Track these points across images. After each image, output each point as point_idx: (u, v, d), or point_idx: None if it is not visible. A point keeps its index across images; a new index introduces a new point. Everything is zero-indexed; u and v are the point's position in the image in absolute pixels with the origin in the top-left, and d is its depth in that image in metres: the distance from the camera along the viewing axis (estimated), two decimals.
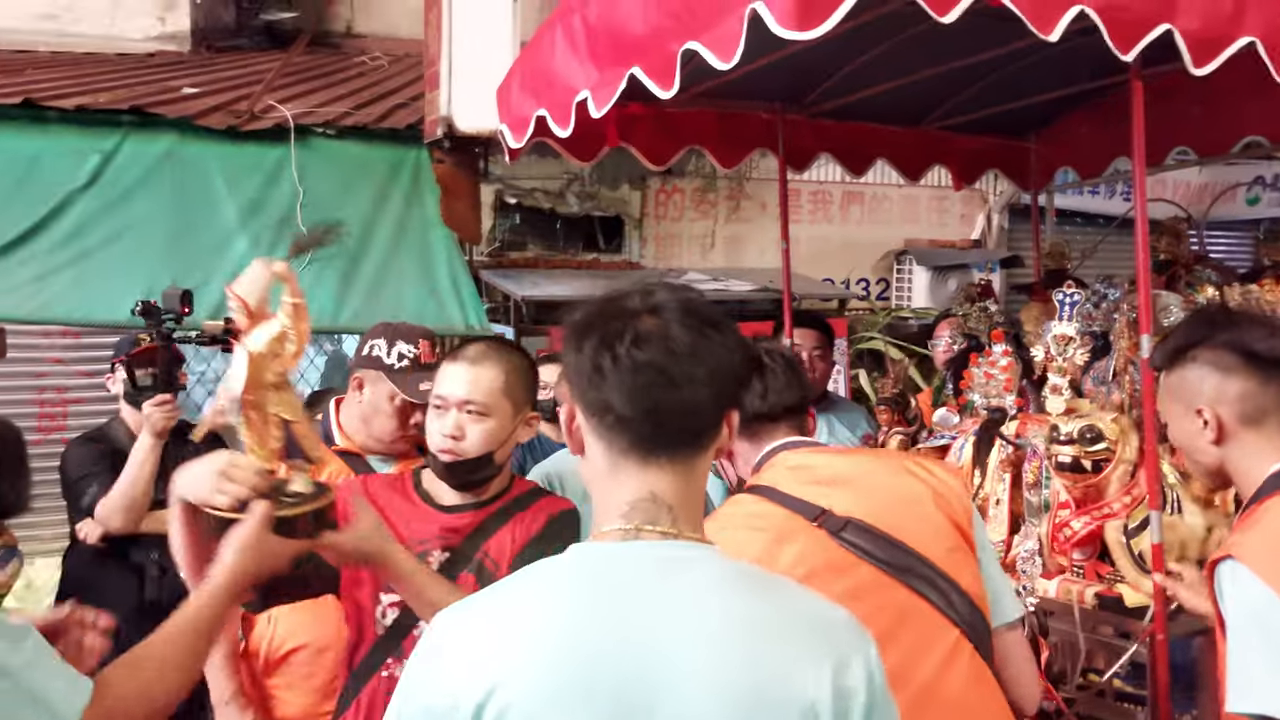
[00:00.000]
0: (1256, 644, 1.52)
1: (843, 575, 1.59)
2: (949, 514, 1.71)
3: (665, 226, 7.11)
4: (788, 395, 1.88)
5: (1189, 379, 1.78)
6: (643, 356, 1.11)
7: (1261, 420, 1.73)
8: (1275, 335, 1.79)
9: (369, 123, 4.95)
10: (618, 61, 2.34)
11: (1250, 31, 2.24)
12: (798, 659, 1.07)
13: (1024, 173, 4.25)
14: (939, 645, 1.57)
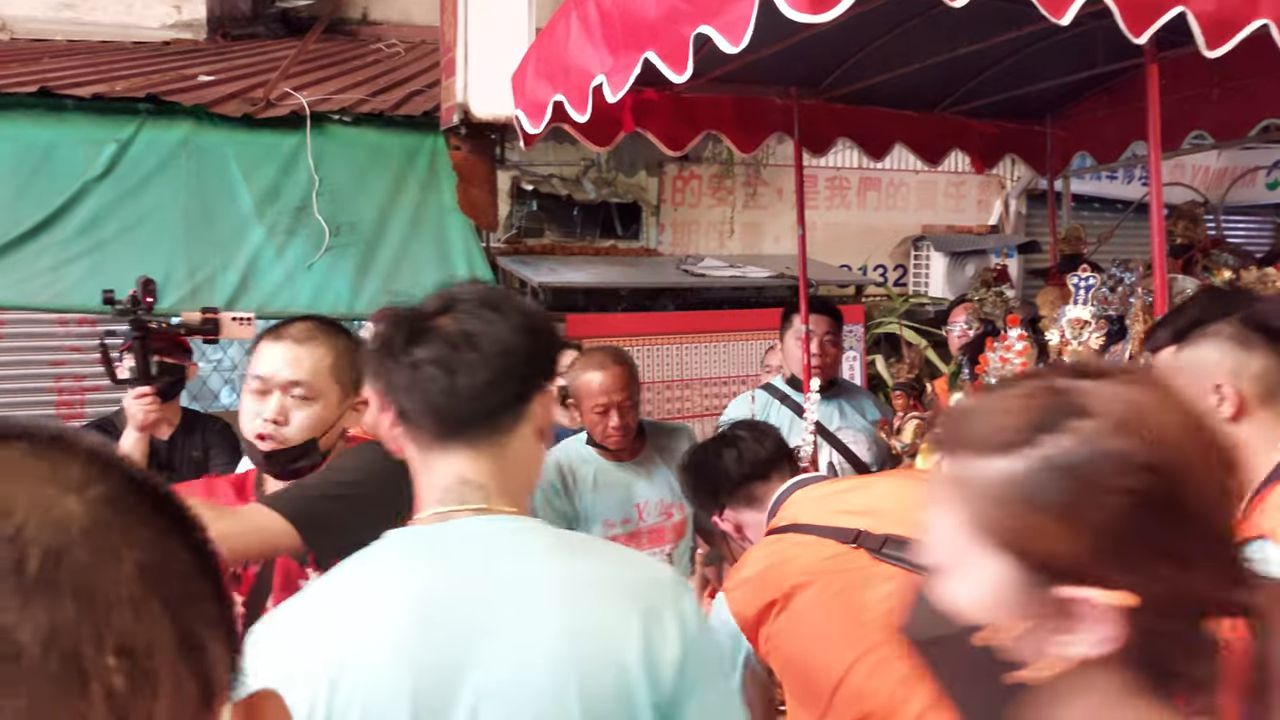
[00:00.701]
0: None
1: (888, 583, 1.63)
2: None
3: (683, 213, 7.10)
4: (763, 450, 1.99)
5: (1208, 354, 1.75)
6: (420, 354, 1.17)
7: (1275, 398, 1.72)
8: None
9: (385, 110, 4.96)
10: (632, 46, 2.35)
11: (1265, 14, 2.22)
12: (612, 616, 1.11)
13: (1041, 157, 4.23)
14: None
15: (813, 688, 1.60)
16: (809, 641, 1.62)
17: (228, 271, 4.20)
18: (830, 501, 1.83)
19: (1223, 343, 1.75)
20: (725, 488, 2.02)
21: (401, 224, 4.72)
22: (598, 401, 2.88)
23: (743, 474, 1.99)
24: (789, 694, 1.68)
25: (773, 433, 2.11)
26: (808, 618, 1.63)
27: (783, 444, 2.08)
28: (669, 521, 3.03)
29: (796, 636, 1.64)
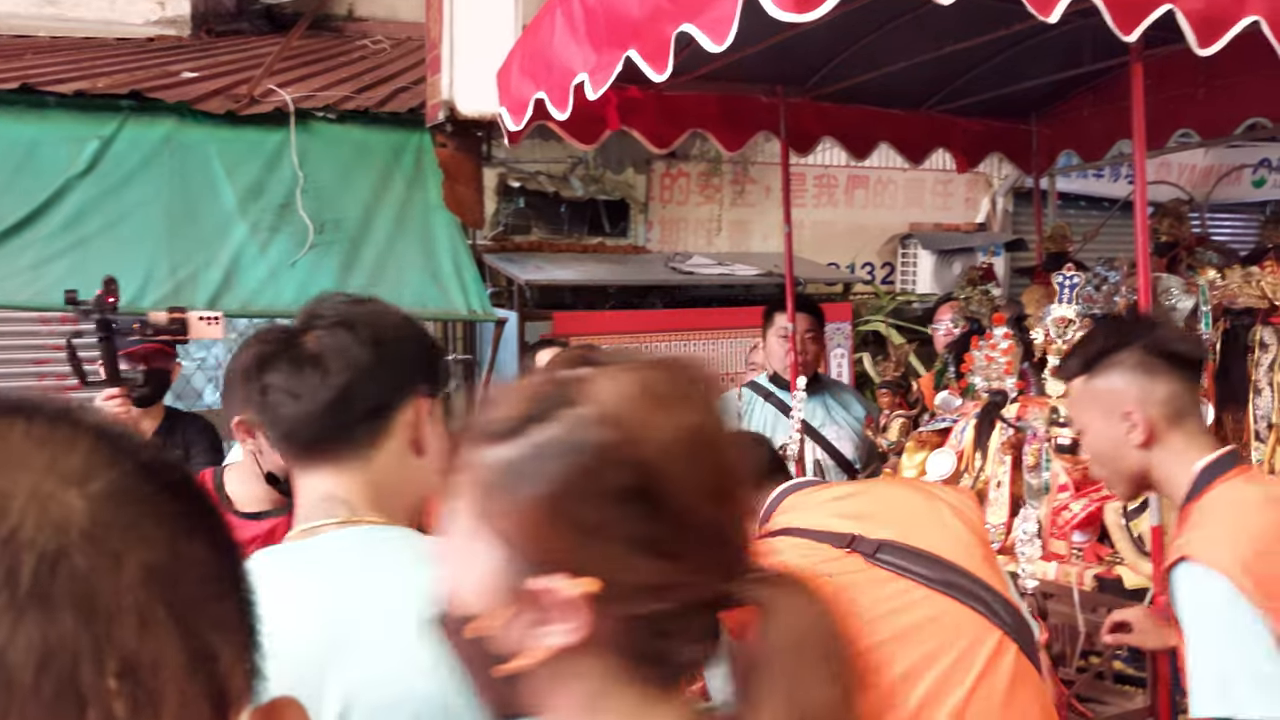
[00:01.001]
0: (1222, 643, 1.52)
1: (884, 585, 1.62)
2: (971, 528, 1.76)
3: (670, 210, 7.09)
4: (756, 458, 1.97)
5: (1114, 382, 1.79)
6: (269, 379, 1.19)
7: (1184, 420, 1.75)
8: (1189, 337, 1.89)
9: (370, 106, 4.94)
10: (614, 44, 2.33)
11: (1254, 10, 2.22)
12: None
13: (1026, 156, 4.23)
14: (984, 648, 1.58)
15: None
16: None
17: (210, 269, 4.17)
18: (824, 507, 1.82)
19: (1128, 371, 1.78)
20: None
21: (387, 221, 4.70)
22: None
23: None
24: None
25: (765, 442, 2.11)
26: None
27: (775, 454, 2.07)
28: None
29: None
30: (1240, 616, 1.49)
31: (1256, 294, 2.72)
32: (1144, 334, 1.81)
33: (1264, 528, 1.59)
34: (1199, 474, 1.70)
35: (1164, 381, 1.75)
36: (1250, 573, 1.51)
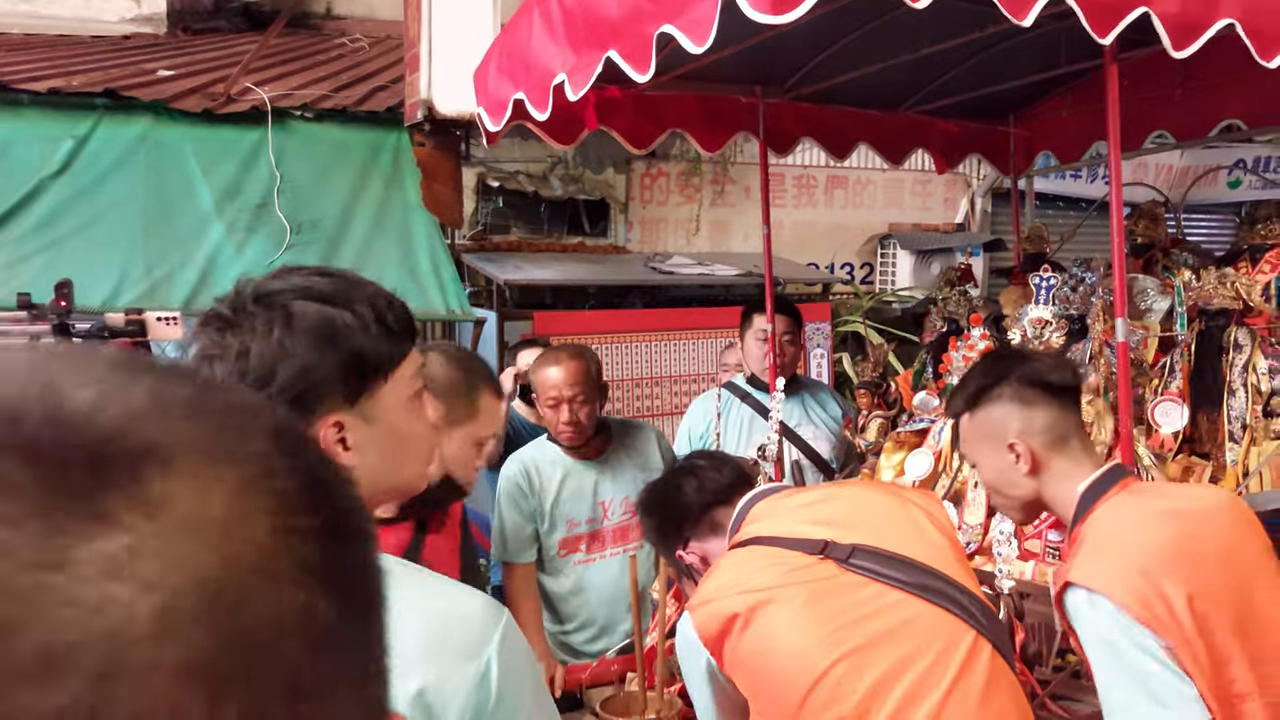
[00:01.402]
0: (1114, 667, 1.54)
1: (857, 591, 1.65)
2: (942, 529, 1.80)
3: (650, 210, 7.09)
4: (723, 476, 1.99)
5: (995, 416, 1.84)
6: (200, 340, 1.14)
7: (1065, 445, 1.80)
8: (1062, 365, 1.91)
9: (348, 105, 4.91)
10: (594, 44, 2.33)
11: (1229, 13, 2.24)
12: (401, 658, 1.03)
13: (1004, 157, 4.25)
14: (960, 649, 1.60)
15: (781, 700, 1.58)
16: (777, 654, 1.61)
17: (186, 269, 4.14)
18: (795, 513, 1.83)
19: (1006, 403, 1.83)
20: (688, 518, 2.00)
21: (365, 221, 4.68)
22: (549, 395, 2.87)
23: (704, 501, 1.98)
24: (754, 710, 1.67)
25: (730, 460, 2.12)
26: (775, 631, 1.61)
27: (741, 470, 2.07)
28: (634, 519, 3.02)
29: (763, 651, 1.62)
30: (1129, 637, 1.52)
31: (1231, 295, 2.74)
32: (1019, 367, 1.87)
33: (1146, 542, 1.61)
34: (1081, 496, 1.75)
35: (1042, 410, 1.81)
36: (1133, 591, 1.53)
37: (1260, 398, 2.62)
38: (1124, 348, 2.27)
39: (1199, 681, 1.49)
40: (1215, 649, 1.52)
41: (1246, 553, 1.65)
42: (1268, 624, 1.59)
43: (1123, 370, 2.27)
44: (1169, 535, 1.62)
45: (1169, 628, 1.51)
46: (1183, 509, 1.71)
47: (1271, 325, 2.80)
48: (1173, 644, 1.50)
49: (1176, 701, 1.49)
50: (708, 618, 1.67)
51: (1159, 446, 2.59)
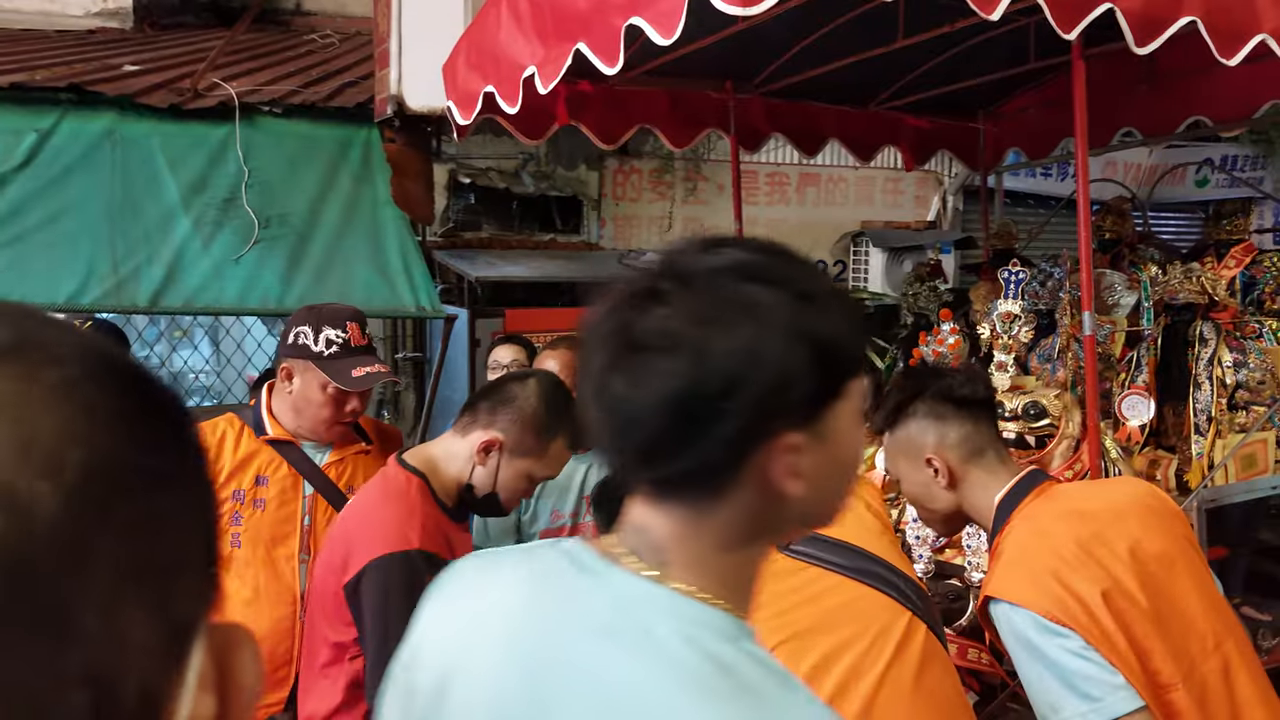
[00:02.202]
0: (1041, 670, 1.58)
1: (797, 575, 1.65)
2: (877, 515, 1.82)
3: (623, 207, 7.08)
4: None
5: (912, 433, 1.89)
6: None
7: (981, 457, 1.85)
8: (974, 380, 1.95)
9: (317, 101, 4.86)
10: (563, 37, 2.31)
11: (1191, 11, 2.26)
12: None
13: (973, 154, 4.27)
14: (896, 630, 1.62)
15: None
16: None
17: (153, 265, 4.09)
18: None
19: (921, 420, 1.88)
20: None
21: (334, 217, 4.63)
22: None
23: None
24: None
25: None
26: None
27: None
28: None
29: None
30: (1050, 639, 1.56)
31: (1196, 289, 2.77)
32: (931, 384, 1.91)
33: (1057, 547, 1.65)
34: (998, 507, 1.80)
35: (956, 424, 1.86)
36: (1049, 595, 1.58)
37: (1225, 391, 2.65)
38: (1091, 341, 2.28)
39: (1125, 672, 1.53)
40: (1136, 641, 1.57)
41: (1158, 546, 1.68)
42: (1185, 614, 1.63)
43: (1090, 364, 2.28)
44: (1079, 537, 1.66)
45: (1088, 626, 1.55)
46: (1091, 509, 1.75)
47: (1236, 320, 2.83)
48: (1094, 641, 1.54)
49: (1103, 693, 1.52)
50: None
51: (1126, 439, 2.61)
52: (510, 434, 2.04)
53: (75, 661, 0.34)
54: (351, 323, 2.53)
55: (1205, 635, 1.63)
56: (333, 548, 1.96)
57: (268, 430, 2.52)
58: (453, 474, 2.06)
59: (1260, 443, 2.61)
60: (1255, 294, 2.94)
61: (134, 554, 0.37)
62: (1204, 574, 1.72)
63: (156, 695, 0.38)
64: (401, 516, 1.93)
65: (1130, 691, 1.52)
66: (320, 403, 2.47)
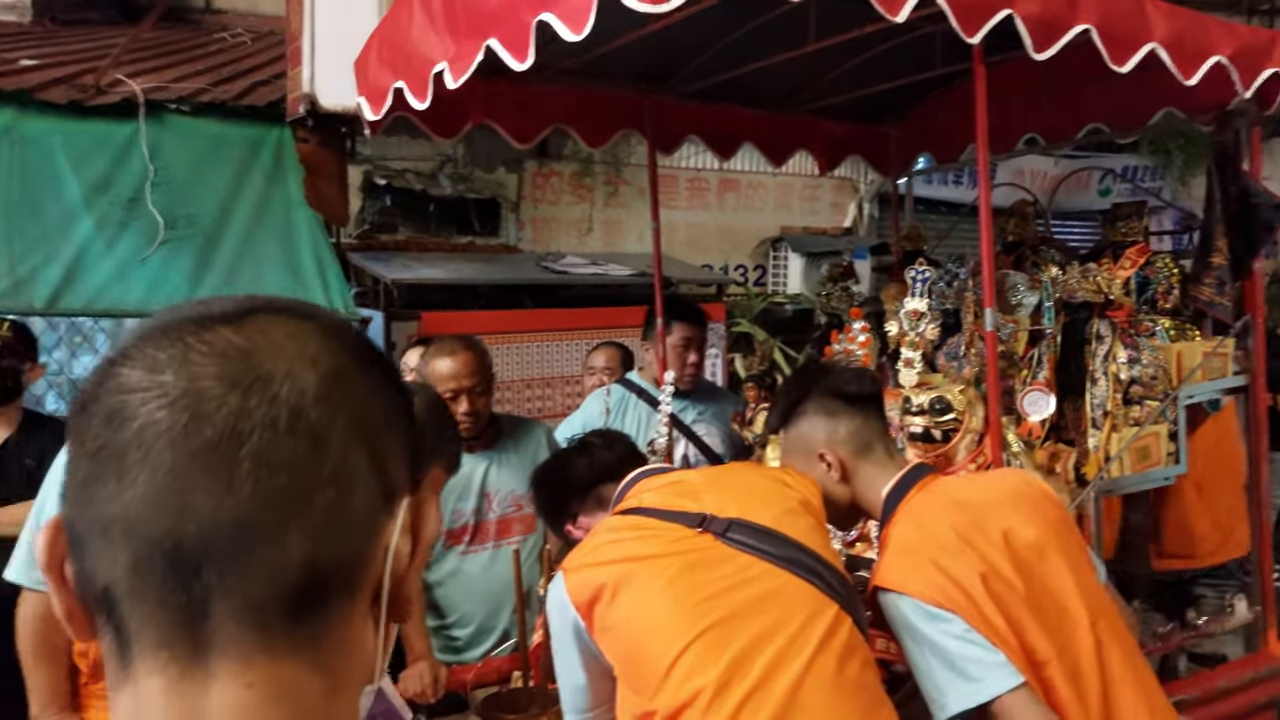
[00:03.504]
0: (926, 655, 1.65)
1: (731, 561, 1.69)
2: (812, 511, 1.86)
3: (543, 210, 7.06)
4: (613, 454, 2.07)
5: (805, 430, 1.96)
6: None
7: (870, 451, 1.93)
8: (860, 377, 2.04)
9: (227, 99, 4.76)
10: (473, 33, 2.30)
11: (1086, 19, 2.34)
12: None
13: (885, 159, 4.35)
14: (823, 620, 1.66)
15: (645, 671, 1.60)
16: (644, 624, 1.63)
17: (51, 265, 3.95)
18: (676, 488, 1.88)
19: (813, 416, 1.96)
20: (577, 494, 2.06)
21: (244, 217, 4.54)
22: (446, 387, 2.83)
23: (593, 478, 2.04)
24: (620, 678, 1.68)
25: (622, 439, 2.18)
26: (643, 602, 1.64)
27: (633, 448, 2.13)
28: (519, 513, 2.99)
29: (631, 620, 1.64)
30: (933, 624, 1.64)
31: (1093, 289, 2.86)
32: (821, 382, 1.99)
33: (937, 535, 1.73)
34: (885, 500, 1.88)
35: (845, 420, 1.93)
36: (930, 583, 1.66)
37: (1120, 386, 2.75)
38: (992, 336, 2.35)
39: (1005, 651, 1.60)
40: (1013, 621, 1.64)
41: (1032, 533, 1.76)
42: (1056, 595, 1.71)
43: (991, 359, 2.35)
44: (957, 526, 1.73)
45: (968, 609, 1.62)
46: (969, 500, 1.82)
47: (1131, 318, 2.94)
48: (975, 623, 1.61)
49: (985, 673, 1.59)
50: (581, 584, 1.70)
51: (1028, 434, 2.69)
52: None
53: (327, 470, 0.57)
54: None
55: (1078, 616, 1.70)
56: None
57: None
58: None
59: (1153, 436, 2.71)
60: (1149, 293, 3.06)
61: (359, 426, 0.59)
62: (1079, 558, 1.79)
63: (372, 516, 0.60)
64: None
65: (1011, 669, 1.58)
66: None
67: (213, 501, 0.53)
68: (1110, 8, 2.40)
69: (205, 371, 0.55)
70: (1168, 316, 3.03)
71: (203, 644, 0.54)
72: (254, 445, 0.54)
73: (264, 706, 0.54)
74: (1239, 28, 2.76)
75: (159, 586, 0.53)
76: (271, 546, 0.54)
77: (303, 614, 0.56)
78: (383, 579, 0.61)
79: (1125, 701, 1.68)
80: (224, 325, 0.58)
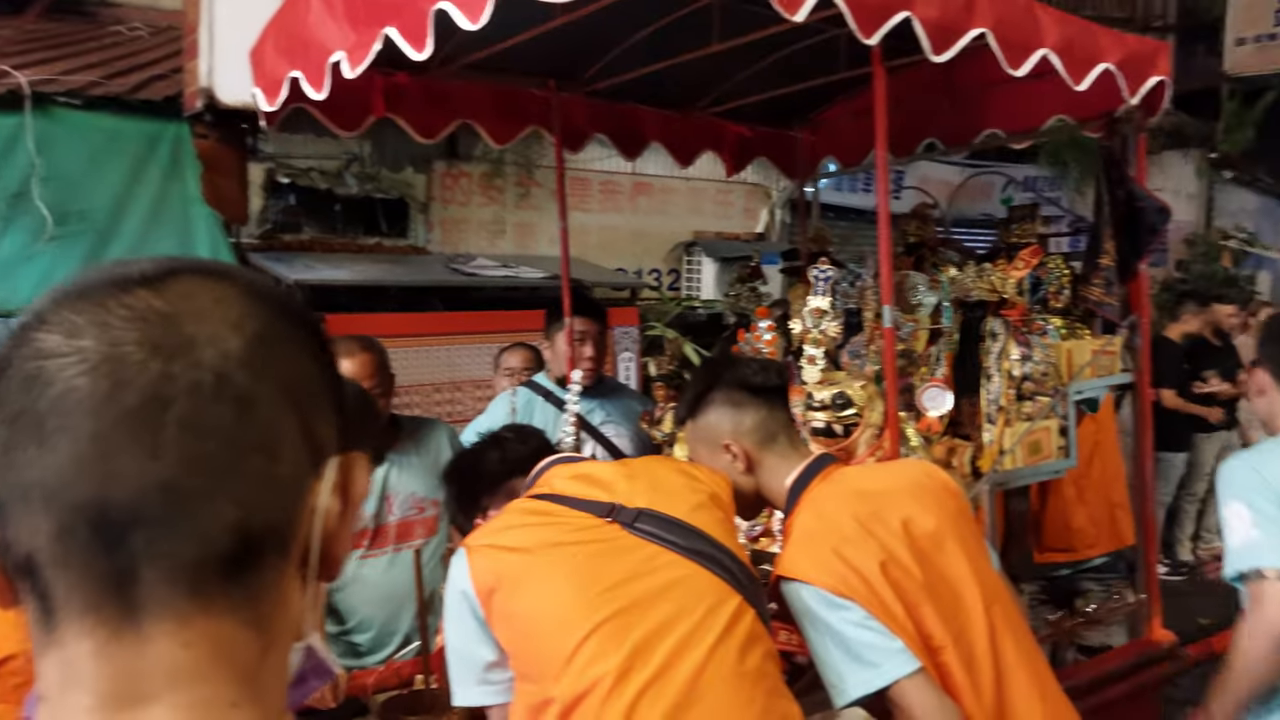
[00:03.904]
0: (827, 642, 1.69)
1: (637, 551, 1.70)
2: (721, 505, 1.88)
3: (452, 211, 6.98)
4: (526, 448, 2.05)
5: (711, 420, 1.98)
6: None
7: (774, 442, 1.96)
8: (767, 369, 2.07)
9: (122, 93, 4.61)
10: (372, 21, 2.26)
11: (982, 23, 2.39)
12: None
13: (792, 162, 4.40)
14: (726, 610, 1.67)
15: (545, 658, 1.59)
16: (545, 612, 1.62)
17: None
18: (586, 477, 1.88)
19: (719, 407, 1.98)
20: (487, 487, 2.04)
21: (140, 214, 4.41)
22: None
23: (505, 471, 2.02)
24: (515, 668, 1.66)
25: (536, 433, 2.16)
26: (545, 590, 1.63)
27: (546, 443, 2.12)
28: (420, 516, 2.94)
29: (532, 608, 1.63)
30: (834, 612, 1.67)
31: (988, 288, 2.93)
32: (728, 373, 2.01)
33: (841, 521, 1.77)
34: (789, 490, 1.91)
35: (751, 411, 1.95)
36: (830, 571, 1.69)
37: (1013, 382, 2.82)
38: (890, 333, 2.39)
39: (903, 637, 1.64)
40: (911, 608, 1.68)
41: (931, 522, 1.80)
42: (953, 583, 1.76)
43: (889, 355, 2.39)
44: (858, 515, 1.77)
45: (867, 597, 1.65)
46: (869, 490, 1.86)
47: (1024, 317, 3.02)
48: (874, 610, 1.64)
49: (883, 659, 1.63)
50: (483, 569, 1.68)
51: (927, 429, 2.74)
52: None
53: (254, 434, 0.57)
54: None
55: (973, 603, 1.74)
56: None
57: None
58: None
59: (1044, 430, 2.79)
60: (1041, 293, 3.15)
61: (286, 389, 0.59)
62: (975, 547, 1.84)
63: (300, 478, 0.60)
64: None
65: (908, 655, 1.61)
66: None
67: (137, 467, 0.53)
68: (1004, 13, 2.46)
69: (126, 337, 0.55)
70: (1059, 315, 3.12)
71: (134, 607, 0.54)
72: (179, 411, 0.54)
73: (202, 665, 0.55)
74: (1126, 37, 2.85)
75: (83, 552, 0.53)
76: (201, 512, 0.55)
77: (237, 575, 0.57)
78: (310, 538, 0.62)
79: (1019, 687, 1.72)
80: (143, 288, 0.57)
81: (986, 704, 1.68)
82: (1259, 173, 14.01)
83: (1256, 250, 13.81)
